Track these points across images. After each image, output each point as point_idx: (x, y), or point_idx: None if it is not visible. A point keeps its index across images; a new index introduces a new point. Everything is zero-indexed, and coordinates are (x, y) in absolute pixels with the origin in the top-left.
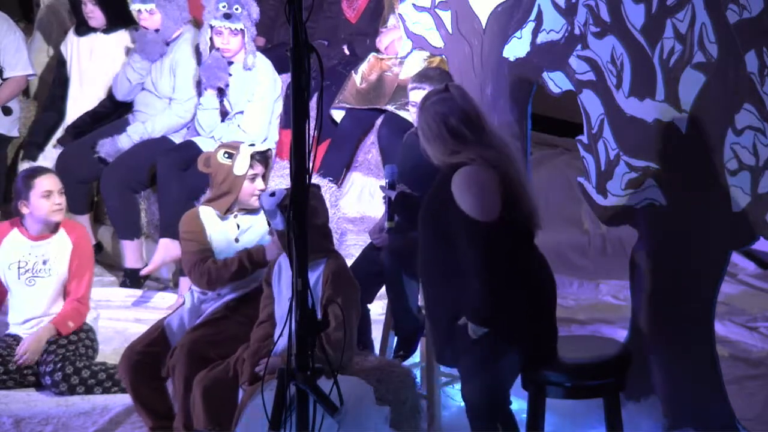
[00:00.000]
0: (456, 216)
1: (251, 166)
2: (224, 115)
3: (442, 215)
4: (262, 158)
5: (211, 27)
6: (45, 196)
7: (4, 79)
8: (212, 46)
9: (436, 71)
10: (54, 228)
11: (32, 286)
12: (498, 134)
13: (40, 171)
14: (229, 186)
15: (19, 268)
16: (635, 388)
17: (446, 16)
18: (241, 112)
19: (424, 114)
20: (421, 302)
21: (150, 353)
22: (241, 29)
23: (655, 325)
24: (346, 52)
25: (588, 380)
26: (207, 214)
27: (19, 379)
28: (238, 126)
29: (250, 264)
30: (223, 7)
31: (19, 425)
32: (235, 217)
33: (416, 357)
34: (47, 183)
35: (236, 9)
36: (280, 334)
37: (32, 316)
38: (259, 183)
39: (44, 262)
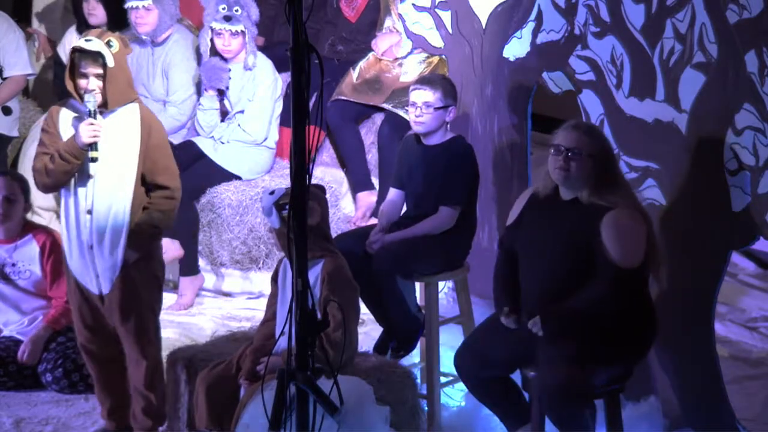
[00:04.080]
0: (599, 251)
1: (80, 66)
2: (224, 115)
3: (581, 248)
4: (94, 56)
5: (212, 29)
6: None
7: (3, 79)
8: (212, 48)
9: (439, 77)
10: (19, 232)
11: (6, 287)
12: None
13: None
14: None
15: None
16: (635, 388)
17: (446, 16)
18: (242, 112)
19: (598, 141)
20: (420, 302)
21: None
22: (241, 30)
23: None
24: (344, 51)
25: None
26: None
27: (19, 379)
28: (239, 125)
29: (66, 155)
30: (223, 9)
31: (19, 425)
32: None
33: (416, 357)
34: None
35: (236, 10)
36: (281, 333)
37: (12, 320)
38: (91, 82)
39: (13, 264)
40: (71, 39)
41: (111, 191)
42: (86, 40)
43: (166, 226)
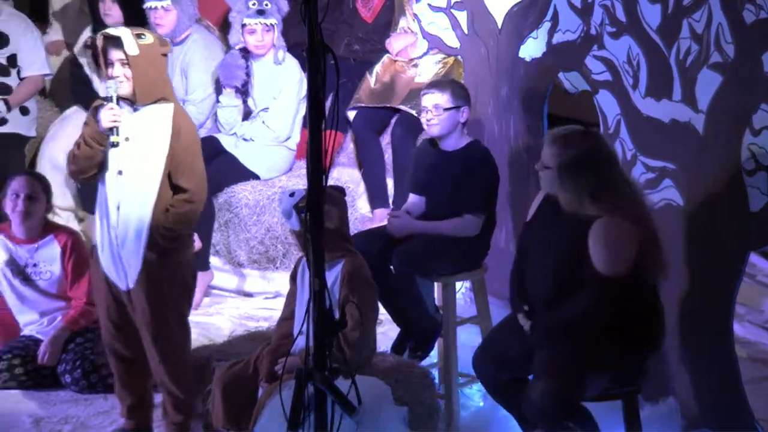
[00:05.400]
0: (587, 259)
1: (107, 53)
2: (248, 114)
3: (575, 255)
4: (116, 42)
5: (243, 26)
6: (11, 196)
7: (21, 79)
8: (243, 45)
9: (449, 80)
10: (40, 232)
11: (26, 288)
12: (634, 181)
13: (21, 173)
14: None
15: (11, 270)
16: (653, 389)
17: (462, 17)
18: (266, 109)
19: (568, 151)
20: (438, 302)
21: None
22: (273, 24)
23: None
24: (360, 51)
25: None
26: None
27: (38, 378)
28: (263, 122)
29: (89, 140)
30: (254, 5)
31: (38, 424)
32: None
33: (434, 357)
34: (16, 185)
35: (266, 5)
36: (299, 333)
37: (31, 320)
38: (116, 69)
39: (35, 265)
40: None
41: (138, 188)
42: (114, 28)
43: (184, 229)
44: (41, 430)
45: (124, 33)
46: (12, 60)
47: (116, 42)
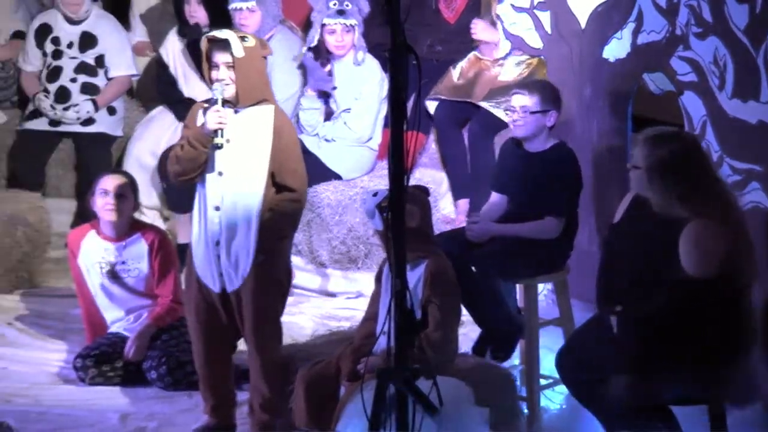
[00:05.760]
0: (676, 260)
1: (211, 56)
2: (329, 115)
3: (664, 255)
4: (223, 45)
5: (323, 26)
6: (101, 194)
7: (109, 79)
8: (319, 47)
9: (539, 82)
10: (128, 231)
11: (114, 285)
12: (726, 184)
13: (110, 172)
14: None
15: (100, 268)
16: (741, 394)
17: (545, 17)
18: (348, 110)
19: (657, 152)
20: (520, 304)
21: None
22: (353, 25)
23: (763, 330)
24: (443, 51)
25: None
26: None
27: (125, 374)
28: (345, 123)
29: (194, 141)
30: (334, 5)
31: (124, 420)
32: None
33: (516, 359)
34: (105, 182)
35: (347, 6)
36: (380, 333)
37: (118, 317)
38: (221, 72)
39: (123, 263)
40: (173, 41)
41: (240, 189)
42: (219, 31)
43: (292, 229)
44: (127, 426)
45: (231, 36)
46: (100, 61)
47: (223, 45)
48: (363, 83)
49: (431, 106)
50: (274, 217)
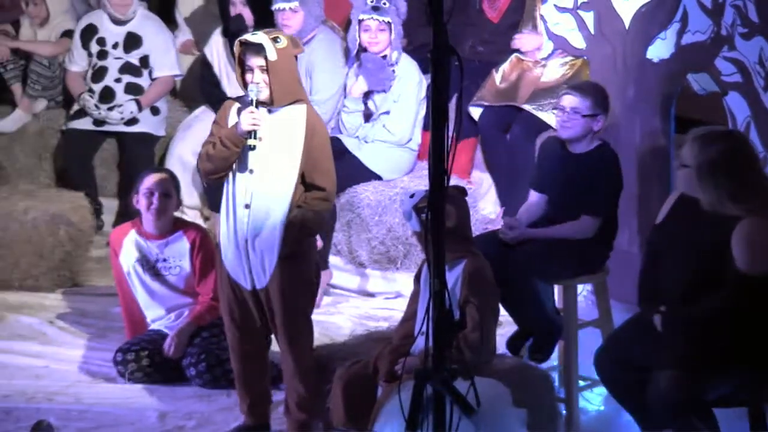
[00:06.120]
0: (729, 260)
1: (245, 58)
2: (368, 116)
3: (715, 254)
4: (257, 49)
5: (359, 22)
6: (146, 194)
7: (152, 80)
8: (360, 46)
9: (592, 85)
10: (170, 229)
11: (156, 282)
12: None
13: (154, 170)
14: None
15: (142, 266)
16: None
17: (588, 17)
18: (387, 113)
19: (706, 151)
20: (559, 304)
21: None
22: (388, 23)
23: None
24: (485, 52)
25: None
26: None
27: (165, 371)
28: (383, 126)
29: (226, 141)
30: (371, 1)
31: (163, 419)
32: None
33: (554, 360)
34: (149, 180)
35: (384, 3)
36: (419, 333)
37: (159, 315)
38: (256, 75)
39: (164, 260)
40: (218, 41)
41: (270, 187)
42: (252, 34)
43: (318, 227)
44: (166, 424)
45: (264, 40)
46: (144, 61)
47: (256, 48)
48: (401, 86)
49: (475, 112)
50: (301, 215)
